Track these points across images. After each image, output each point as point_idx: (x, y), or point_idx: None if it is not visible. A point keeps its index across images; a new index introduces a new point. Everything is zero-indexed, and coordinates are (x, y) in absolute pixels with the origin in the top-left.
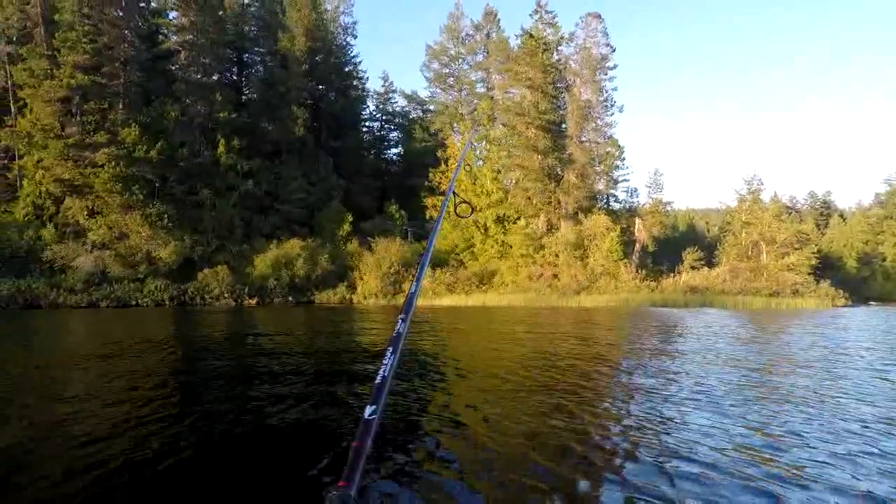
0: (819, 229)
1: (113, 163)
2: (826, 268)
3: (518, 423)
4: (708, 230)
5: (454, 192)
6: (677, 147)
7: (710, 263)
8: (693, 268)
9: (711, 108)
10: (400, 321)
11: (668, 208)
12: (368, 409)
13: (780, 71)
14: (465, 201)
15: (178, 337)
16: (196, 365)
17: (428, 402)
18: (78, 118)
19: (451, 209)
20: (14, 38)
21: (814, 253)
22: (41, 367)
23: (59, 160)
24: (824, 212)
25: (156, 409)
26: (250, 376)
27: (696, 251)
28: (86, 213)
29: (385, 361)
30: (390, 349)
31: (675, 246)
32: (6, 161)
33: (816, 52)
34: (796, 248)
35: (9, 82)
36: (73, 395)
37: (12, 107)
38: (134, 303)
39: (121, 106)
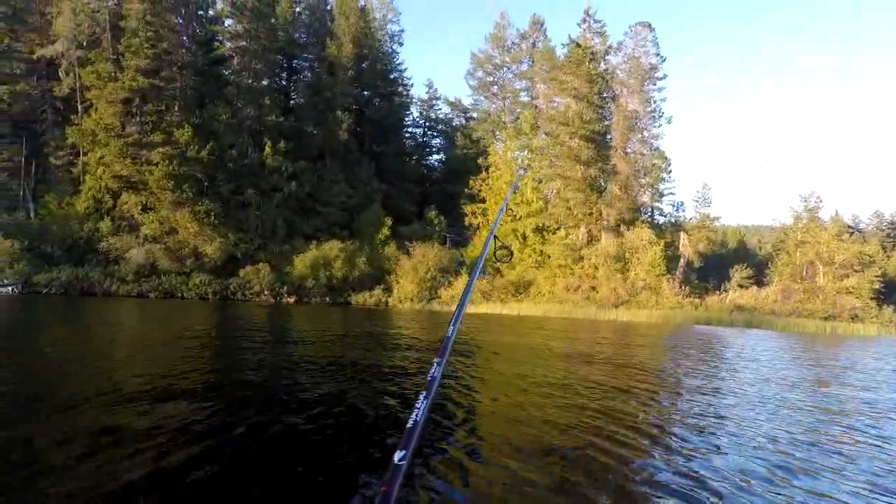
0: (885, 251)
1: (167, 161)
2: (892, 292)
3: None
4: (760, 248)
5: (495, 237)
6: (730, 160)
7: (760, 282)
8: (741, 286)
9: (770, 120)
10: (435, 364)
11: (717, 224)
12: (399, 454)
13: (844, 80)
14: (504, 246)
15: (221, 330)
16: (234, 364)
17: (455, 431)
18: (137, 118)
19: (491, 253)
20: (84, 43)
21: (877, 276)
22: (91, 353)
23: (118, 157)
24: (892, 233)
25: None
26: (284, 386)
27: (745, 269)
28: (140, 207)
29: (418, 405)
30: (423, 393)
31: (723, 263)
32: (72, 157)
33: (887, 59)
34: (857, 271)
35: (77, 84)
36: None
37: (79, 107)
38: (180, 295)
39: (176, 108)
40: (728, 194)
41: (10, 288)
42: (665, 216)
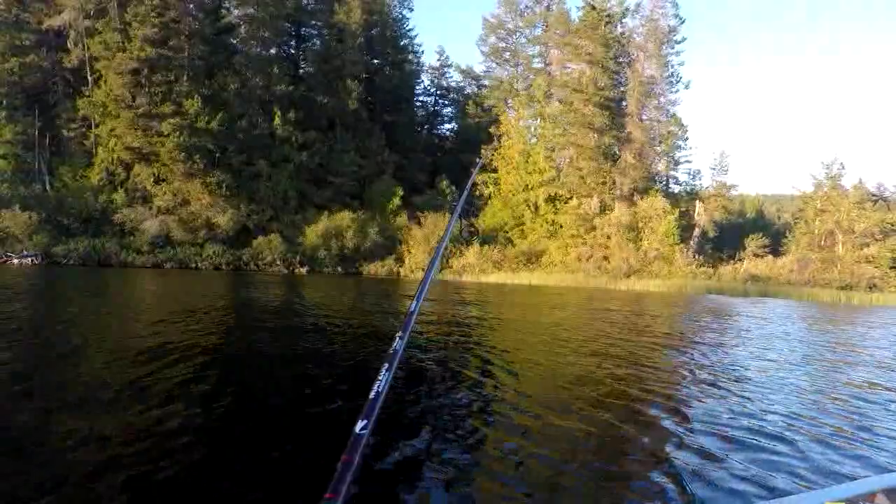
0: None
1: (177, 133)
2: None
3: (558, 428)
4: (778, 217)
5: (461, 216)
6: (751, 127)
7: (777, 252)
8: (756, 255)
9: (793, 84)
10: (398, 338)
11: (734, 192)
12: (360, 424)
13: (869, 41)
14: (471, 225)
15: (237, 299)
16: (236, 333)
17: (449, 397)
18: (146, 89)
19: (457, 231)
20: (91, 13)
21: None
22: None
23: (129, 129)
24: None
25: (183, 374)
26: (282, 352)
27: (761, 238)
28: (152, 179)
29: (380, 377)
30: (385, 365)
31: (740, 232)
32: (84, 129)
33: None
34: (878, 239)
35: (86, 55)
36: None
37: (89, 78)
38: (194, 266)
39: (185, 78)
40: (748, 162)
41: (30, 259)
42: (680, 185)
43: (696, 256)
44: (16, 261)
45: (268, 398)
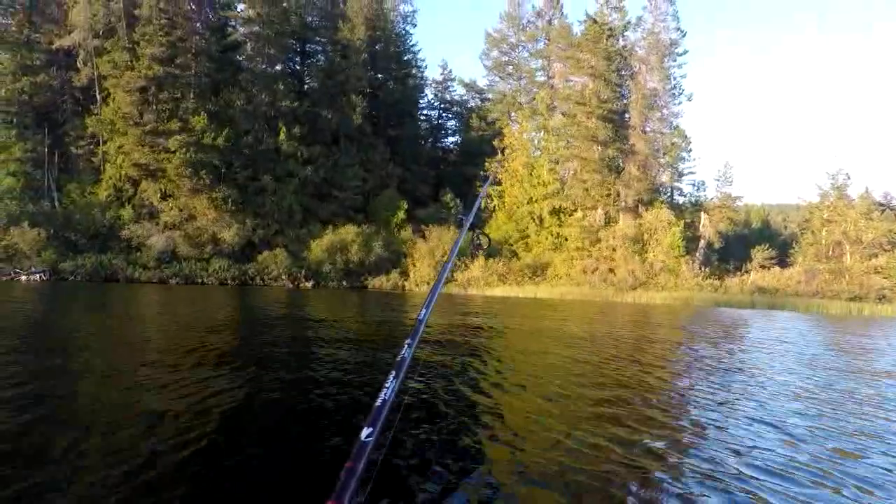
0: None
1: (184, 149)
2: None
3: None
4: (785, 228)
5: (472, 226)
6: (755, 136)
7: (784, 263)
8: (763, 267)
9: (798, 94)
10: (406, 346)
11: (739, 203)
12: (365, 431)
13: (873, 48)
14: (482, 233)
15: (244, 314)
16: (242, 343)
17: (458, 410)
18: (154, 107)
19: (467, 242)
20: (100, 33)
21: None
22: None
23: (136, 146)
24: None
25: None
26: (293, 360)
27: (767, 249)
28: (159, 195)
29: (387, 385)
30: (393, 373)
31: (746, 243)
32: (93, 147)
33: None
34: (886, 250)
35: (95, 73)
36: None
37: (98, 96)
38: (200, 281)
39: (192, 95)
40: (753, 173)
41: (38, 275)
42: (685, 196)
43: (703, 268)
44: (24, 277)
45: (273, 403)
